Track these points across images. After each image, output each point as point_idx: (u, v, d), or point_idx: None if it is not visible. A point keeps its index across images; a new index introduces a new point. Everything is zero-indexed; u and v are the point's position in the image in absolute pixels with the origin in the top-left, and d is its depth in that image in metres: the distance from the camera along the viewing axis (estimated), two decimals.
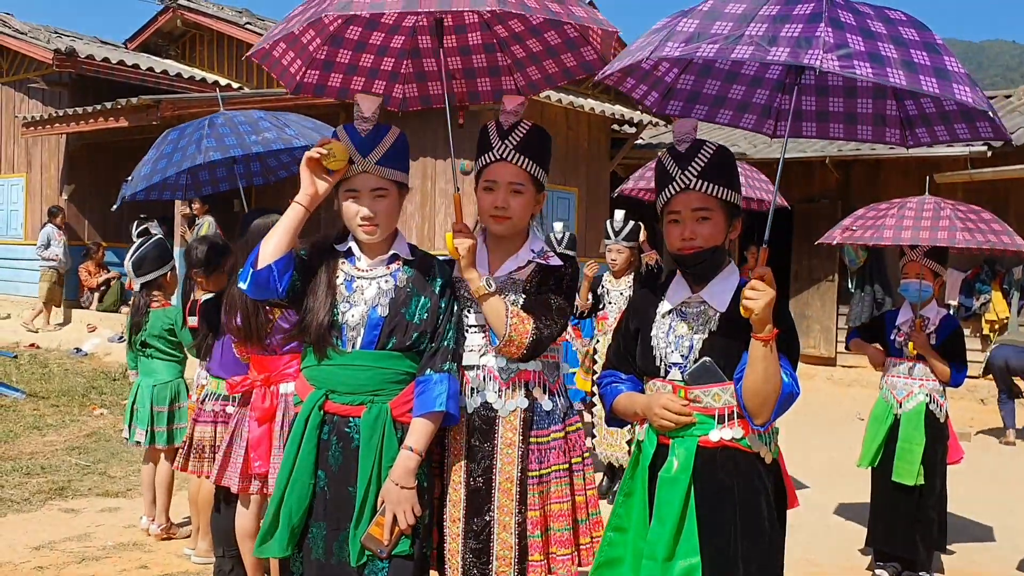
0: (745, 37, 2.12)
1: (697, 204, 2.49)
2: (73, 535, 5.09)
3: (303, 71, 3.10)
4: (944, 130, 2.75)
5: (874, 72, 2.08)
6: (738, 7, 2.22)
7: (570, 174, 12.24)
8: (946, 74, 2.17)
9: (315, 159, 2.55)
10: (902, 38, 2.20)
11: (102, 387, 9.88)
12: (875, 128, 2.89)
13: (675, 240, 2.53)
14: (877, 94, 2.83)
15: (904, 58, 2.15)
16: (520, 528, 2.72)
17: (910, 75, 2.11)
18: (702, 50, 2.16)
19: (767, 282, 2.31)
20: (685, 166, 2.50)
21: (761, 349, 2.35)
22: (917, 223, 4.64)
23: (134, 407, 5.08)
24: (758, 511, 2.48)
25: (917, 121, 2.80)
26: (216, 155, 4.34)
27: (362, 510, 2.54)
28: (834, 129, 2.93)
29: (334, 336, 2.60)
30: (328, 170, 2.57)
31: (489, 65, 3.24)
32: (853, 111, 2.89)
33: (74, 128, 13.11)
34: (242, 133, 4.42)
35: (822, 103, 2.92)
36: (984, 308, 11.16)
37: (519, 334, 2.67)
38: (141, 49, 16.41)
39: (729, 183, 2.52)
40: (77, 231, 14.47)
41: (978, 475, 7.04)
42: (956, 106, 2.64)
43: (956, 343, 4.83)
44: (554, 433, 2.81)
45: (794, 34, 2.10)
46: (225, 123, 4.50)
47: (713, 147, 2.52)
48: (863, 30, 2.17)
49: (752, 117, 3.00)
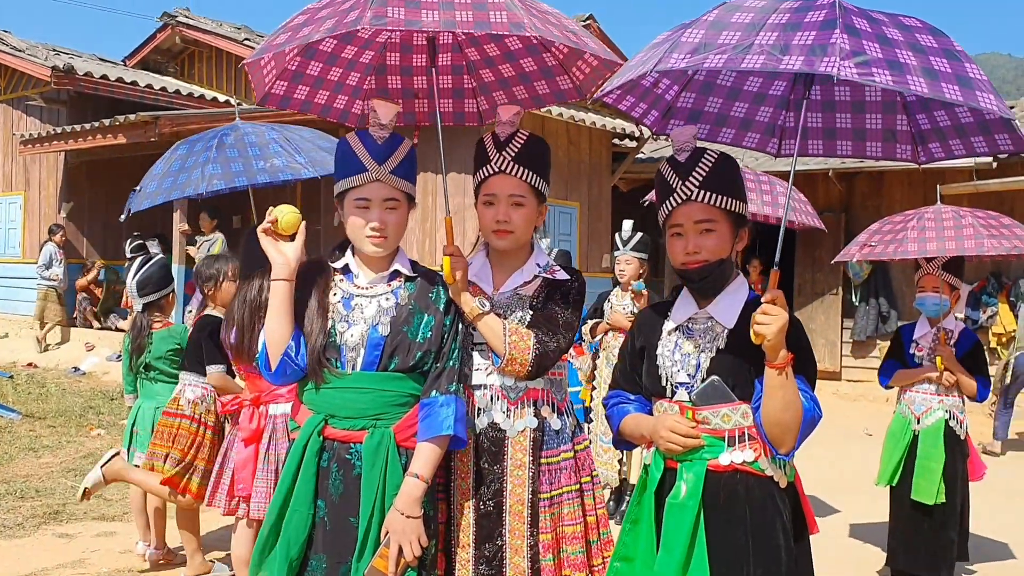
0: (755, 46, 2.02)
1: (700, 216, 2.37)
2: (67, 561, 4.95)
3: (274, 81, 3.02)
4: (960, 144, 2.63)
5: (894, 80, 1.98)
6: (745, 16, 2.12)
7: (572, 189, 12.17)
8: (968, 81, 2.06)
9: (268, 231, 2.50)
10: (920, 45, 2.10)
11: (100, 407, 9.75)
12: (885, 144, 2.78)
13: (678, 254, 2.42)
14: (887, 109, 2.72)
15: (924, 65, 2.04)
16: (533, 552, 2.62)
17: (931, 83, 2.01)
18: (710, 60, 2.06)
19: (780, 305, 2.20)
20: (686, 176, 2.38)
21: (777, 378, 2.23)
22: (940, 234, 4.52)
23: (134, 430, 4.95)
24: (773, 538, 2.35)
25: (930, 136, 2.69)
26: (220, 184, 4.21)
27: (365, 541, 2.41)
28: (842, 147, 2.83)
29: (332, 358, 2.49)
30: (289, 235, 2.52)
31: (453, 87, 3.21)
32: (862, 127, 2.78)
33: (72, 145, 13.07)
34: (250, 158, 4.30)
35: (829, 119, 2.82)
36: (991, 321, 11.06)
37: (520, 351, 2.59)
38: (140, 66, 16.40)
39: (733, 192, 2.40)
40: (76, 248, 14.39)
41: (993, 491, 6.90)
42: (972, 118, 2.54)
43: (978, 356, 4.71)
44: (564, 453, 2.73)
45: (807, 42, 2.00)
46: (235, 144, 4.36)
47: (715, 155, 2.41)
48: (879, 37, 2.07)
49: (755, 136, 2.91)
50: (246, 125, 4.58)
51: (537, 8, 2.55)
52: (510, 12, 2.38)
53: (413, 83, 3.20)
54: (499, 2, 2.40)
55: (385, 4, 2.32)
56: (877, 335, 11.91)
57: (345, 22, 2.33)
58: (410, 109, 3.23)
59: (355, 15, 2.32)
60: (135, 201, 4.52)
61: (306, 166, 4.28)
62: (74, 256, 14.16)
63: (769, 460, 2.37)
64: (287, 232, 2.52)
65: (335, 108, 3.18)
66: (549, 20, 2.52)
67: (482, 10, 2.37)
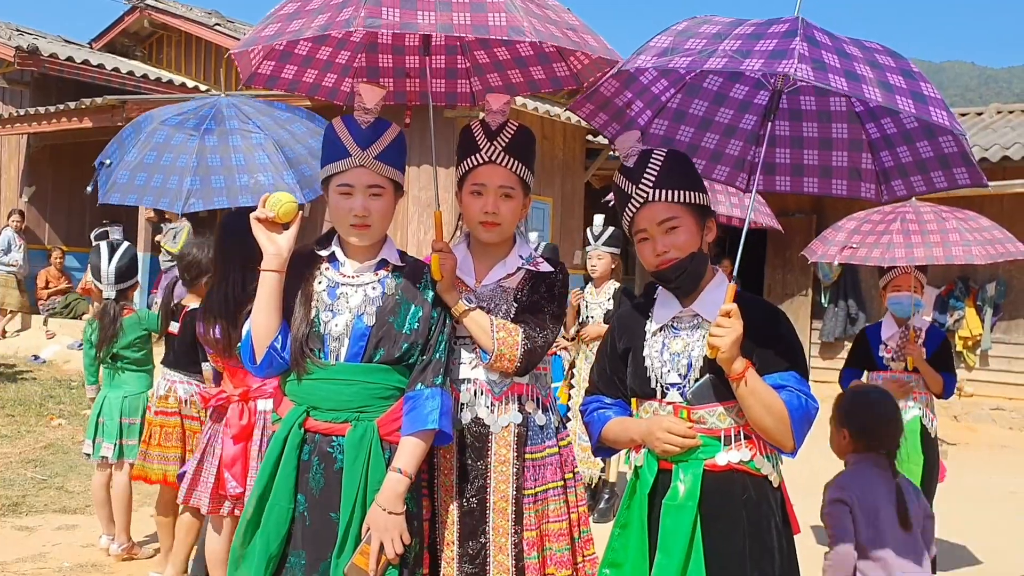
0: (719, 51, 2.08)
1: (662, 216, 2.34)
2: (27, 555, 4.81)
3: (260, 61, 2.94)
4: (921, 180, 2.71)
5: (849, 87, 2.03)
6: (712, 28, 2.19)
7: (545, 184, 12.13)
8: (923, 98, 2.14)
9: (262, 219, 2.41)
10: (878, 62, 2.17)
11: (60, 396, 9.52)
12: (850, 183, 2.84)
13: (649, 258, 2.38)
14: (853, 146, 2.80)
15: (880, 79, 2.11)
16: (517, 549, 2.58)
17: (886, 94, 2.08)
18: (675, 62, 2.12)
19: (734, 318, 2.20)
20: (638, 180, 2.36)
21: (743, 388, 2.23)
22: (926, 239, 4.53)
23: (99, 419, 4.82)
24: (769, 537, 2.34)
25: (893, 173, 2.76)
26: (197, 204, 3.89)
27: (345, 537, 2.33)
28: (808, 183, 2.89)
29: (315, 348, 2.41)
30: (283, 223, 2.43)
31: (447, 67, 3.14)
32: (828, 164, 2.85)
33: (36, 128, 12.84)
34: (233, 170, 3.93)
35: (796, 155, 2.87)
36: (958, 325, 11.19)
37: (509, 347, 2.54)
38: (107, 49, 16.12)
39: (689, 184, 2.38)
40: (37, 234, 14.10)
41: (956, 494, 6.96)
42: (932, 152, 2.62)
43: (945, 354, 4.78)
44: (548, 448, 2.69)
45: (768, 48, 2.06)
46: (218, 146, 3.98)
47: (663, 152, 2.39)
48: (839, 51, 2.13)
49: (725, 169, 2.95)
50: (232, 111, 4.17)
51: (536, 3, 2.48)
52: (509, 15, 2.31)
53: (405, 62, 3.12)
54: (498, 2, 2.33)
55: (379, 3, 2.24)
56: (845, 336, 12.00)
57: (338, 20, 2.25)
58: (401, 88, 3.16)
59: (349, 12, 2.24)
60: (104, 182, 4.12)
61: (294, 188, 3.91)
62: (35, 242, 13.86)
63: (764, 459, 2.35)
64: (283, 221, 2.43)
65: (324, 87, 3.10)
66: (549, 18, 2.45)
67: (480, 12, 2.30)
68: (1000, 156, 10.77)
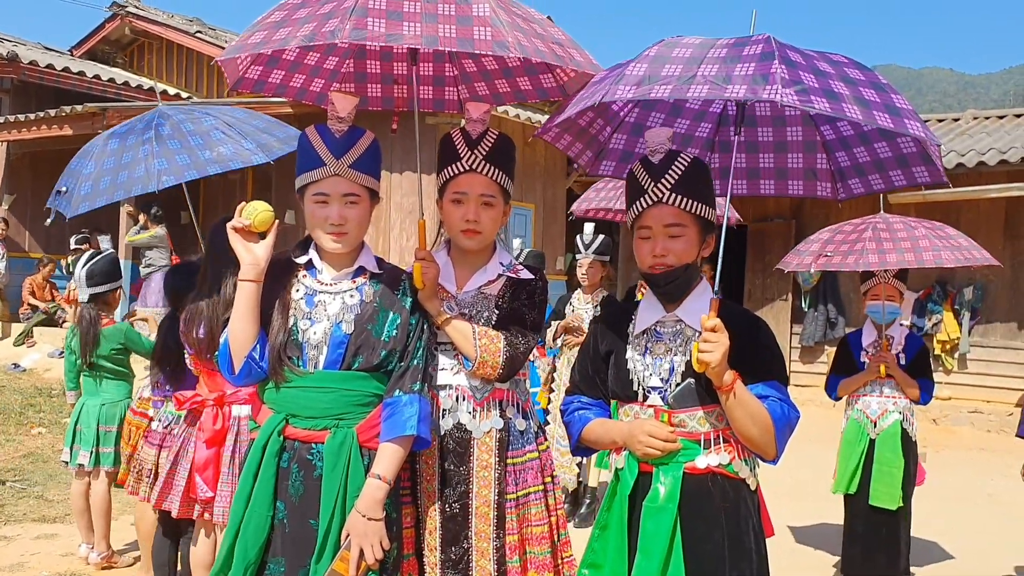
0: (699, 77, 2.08)
1: (670, 219, 2.36)
2: (6, 564, 4.79)
3: (248, 66, 2.95)
4: (879, 178, 2.75)
5: (831, 107, 2.05)
6: (685, 52, 2.19)
7: (527, 190, 12.16)
8: (897, 111, 2.17)
9: (239, 228, 2.41)
10: (849, 77, 2.19)
11: (40, 405, 9.46)
12: (806, 183, 2.89)
13: (645, 257, 2.40)
14: (807, 148, 2.83)
15: (856, 95, 2.13)
16: (499, 554, 2.60)
17: (865, 111, 2.10)
18: (655, 91, 2.12)
19: (720, 332, 2.22)
20: (658, 178, 2.36)
21: (731, 400, 2.26)
22: (897, 245, 4.61)
23: (77, 427, 4.81)
24: (747, 539, 2.37)
25: (850, 172, 2.80)
26: (169, 180, 3.88)
27: (325, 544, 2.35)
28: (765, 186, 2.94)
29: (294, 356, 2.42)
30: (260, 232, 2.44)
31: (435, 75, 3.15)
32: (784, 166, 2.89)
33: (15, 136, 12.74)
34: (193, 148, 4.00)
35: (752, 160, 2.91)
36: (936, 328, 11.28)
37: (491, 354, 2.57)
38: (87, 56, 16.00)
39: (704, 197, 2.39)
40: (18, 243, 13.98)
41: (934, 496, 7.03)
42: (890, 152, 2.66)
43: (923, 361, 4.84)
44: (529, 453, 2.72)
45: (749, 72, 2.07)
46: (173, 133, 4.04)
47: (688, 158, 2.39)
48: (813, 69, 2.15)
49: None
50: (175, 111, 4.25)
51: (523, 17, 2.50)
52: (495, 29, 2.32)
53: (393, 69, 3.13)
54: (484, 16, 2.33)
55: (365, 15, 2.24)
56: (825, 341, 12.08)
57: (324, 31, 2.26)
58: (389, 95, 3.17)
59: (334, 24, 2.24)
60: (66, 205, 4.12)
61: (255, 152, 4.01)
62: (16, 250, 13.74)
63: (742, 462, 2.38)
64: (259, 230, 2.44)
65: (311, 91, 3.10)
66: (535, 32, 2.46)
67: (466, 25, 2.30)
68: (976, 162, 10.88)
